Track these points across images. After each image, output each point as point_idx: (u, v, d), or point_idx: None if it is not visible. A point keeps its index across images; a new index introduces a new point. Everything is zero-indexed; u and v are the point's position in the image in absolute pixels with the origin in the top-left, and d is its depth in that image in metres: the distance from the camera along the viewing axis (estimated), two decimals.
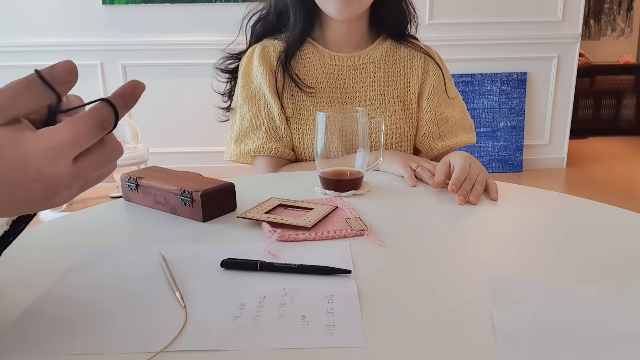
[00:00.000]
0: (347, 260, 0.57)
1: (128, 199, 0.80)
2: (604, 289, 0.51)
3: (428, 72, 1.13)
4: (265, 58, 1.09)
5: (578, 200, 0.79)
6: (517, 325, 0.44)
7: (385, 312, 0.47)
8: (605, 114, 5.12)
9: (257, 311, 0.47)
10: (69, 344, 0.42)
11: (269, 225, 0.66)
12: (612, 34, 5.26)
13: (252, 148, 1.06)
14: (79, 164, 0.37)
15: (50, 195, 0.36)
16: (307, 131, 1.08)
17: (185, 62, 3.54)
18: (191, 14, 3.49)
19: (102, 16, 3.47)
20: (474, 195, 0.77)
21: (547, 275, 0.54)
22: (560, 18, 3.60)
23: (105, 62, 3.51)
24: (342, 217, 0.71)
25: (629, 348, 0.41)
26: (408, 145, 1.12)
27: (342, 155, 0.81)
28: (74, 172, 0.36)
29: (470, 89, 3.67)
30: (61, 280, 0.54)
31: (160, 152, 3.62)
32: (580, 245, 0.62)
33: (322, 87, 1.10)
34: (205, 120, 3.56)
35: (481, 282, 0.52)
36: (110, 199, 3.17)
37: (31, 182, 0.35)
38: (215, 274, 0.55)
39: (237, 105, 1.11)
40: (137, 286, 0.52)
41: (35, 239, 0.66)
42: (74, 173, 0.36)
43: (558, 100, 3.76)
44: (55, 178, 0.35)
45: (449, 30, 3.58)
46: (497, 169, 3.77)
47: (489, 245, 0.63)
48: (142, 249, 0.62)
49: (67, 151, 0.35)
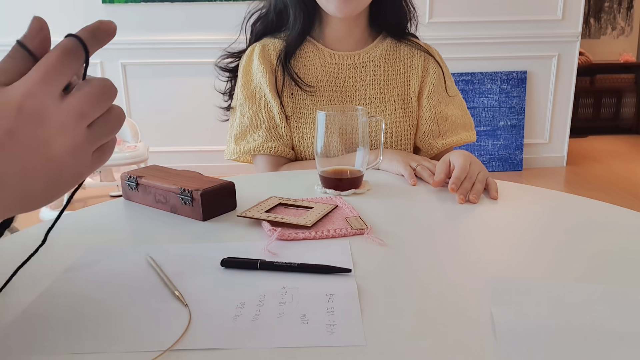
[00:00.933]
0: (347, 259, 0.57)
1: (128, 198, 0.80)
2: (604, 287, 0.51)
3: (428, 71, 1.13)
4: (265, 57, 1.09)
5: (578, 199, 0.79)
6: (517, 324, 0.44)
7: (386, 311, 0.47)
8: (605, 113, 5.12)
9: (257, 310, 0.47)
10: (70, 343, 0.42)
11: (269, 224, 0.66)
12: (612, 33, 5.26)
13: (252, 147, 1.06)
14: (68, 97, 0.36)
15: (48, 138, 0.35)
16: (307, 130, 1.08)
17: (185, 61, 3.54)
18: (191, 12, 3.49)
19: (102, 15, 3.46)
20: (474, 194, 0.77)
21: (547, 274, 0.54)
22: (561, 17, 3.60)
23: (105, 61, 3.51)
24: (342, 216, 0.71)
25: (629, 347, 0.41)
26: (408, 144, 1.12)
27: (342, 154, 0.81)
28: (66, 106, 0.35)
29: (470, 87, 3.67)
30: (61, 279, 0.54)
31: (160, 151, 3.63)
32: (580, 244, 0.62)
33: (322, 86, 1.09)
34: (205, 119, 3.57)
35: (481, 280, 0.52)
36: (110, 198, 3.17)
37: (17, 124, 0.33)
38: (215, 273, 0.55)
39: (237, 104, 1.11)
40: (137, 285, 0.52)
41: (35, 237, 0.66)
42: (67, 107, 0.35)
43: (558, 99, 3.76)
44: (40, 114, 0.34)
45: (449, 29, 3.58)
46: (497, 167, 3.77)
47: (489, 244, 0.63)
48: (142, 248, 0.62)
49: (40, 82, 0.34)
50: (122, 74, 3.55)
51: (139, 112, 3.62)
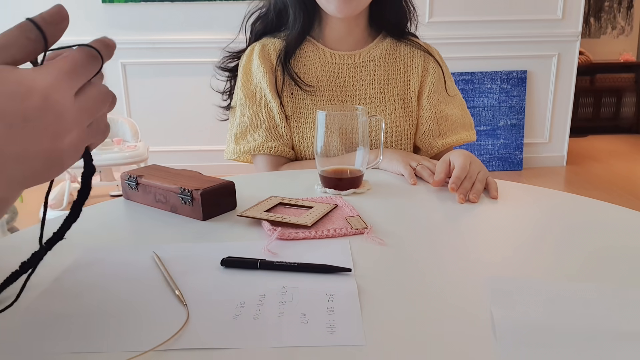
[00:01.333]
0: (347, 258, 0.57)
1: (128, 197, 0.80)
2: (603, 286, 0.51)
3: (428, 70, 1.13)
4: (265, 56, 1.09)
5: (578, 198, 0.79)
6: (517, 323, 0.44)
7: (386, 310, 0.47)
8: (605, 112, 5.12)
9: (257, 309, 0.47)
10: (70, 342, 0.42)
11: (269, 223, 0.66)
12: (612, 32, 5.26)
13: (252, 147, 1.06)
14: (81, 96, 0.37)
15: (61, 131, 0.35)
16: (307, 129, 1.08)
17: (185, 60, 3.54)
18: (190, 12, 3.48)
19: (102, 14, 3.47)
20: (474, 194, 0.77)
21: (547, 273, 0.54)
22: (561, 16, 3.60)
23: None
24: (342, 215, 0.71)
25: (629, 346, 0.41)
26: (408, 143, 1.12)
27: (342, 153, 0.81)
28: (78, 105, 0.36)
29: (470, 87, 3.67)
30: (61, 279, 0.54)
31: (160, 151, 3.63)
32: (580, 243, 0.62)
33: (321, 86, 1.09)
34: (205, 118, 3.57)
35: (481, 280, 0.52)
36: (110, 198, 3.17)
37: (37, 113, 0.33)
38: (216, 273, 0.55)
39: (237, 103, 1.11)
40: (137, 284, 0.52)
41: (35, 237, 0.66)
42: (79, 106, 0.36)
43: (558, 98, 3.76)
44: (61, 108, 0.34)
45: (449, 28, 3.57)
46: (497, 167, 3.77)
47: (489, 244, 0.63)
48: (142, 247, 0.62)
49: (66, 77, 0.35)
50: (122, 74, 3.55)
51: (139, 112, 3.62)
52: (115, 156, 2.68)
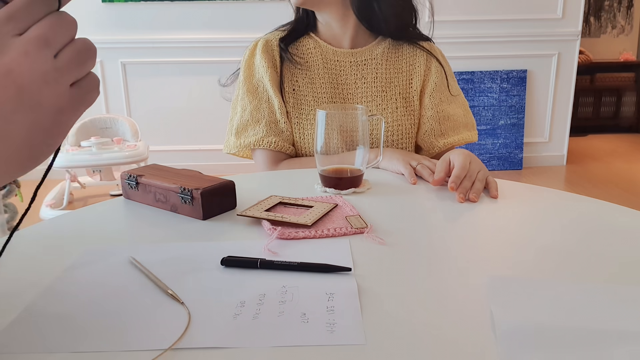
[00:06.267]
0: (347, 257, 0.57)
1: (128, 197, 0.80)
2: (603, 286, 0.51)
3: (430, 69, 1.12)
4: (268, 51, 1.09)
5: (578, 197, 0.79)
6: (516, 323, 0.44)
7: (386, 310, 0.47)
8: (605, 112, 5.12)
9: (257, 309, 0.47)
10: (70, 342, 0.42)
11: (269, 223, 0.66)
12: (612, 32, 5.26)
13: (252, 141, 1.07)
14: (58, 57, 0.36)
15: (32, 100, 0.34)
16: (308, 125, 1.08)
17: (185, 59, 3.54)
18: (190, 11, 3.48)
19: (102, 14, 3.46)
20: (473, 193, 0.77)
21: (547, 272, 0.54)
22: (561, 15, 3.60)
23: (105, 60, 3.51)
24: (342, 214, 0.71)
25: (629, 346, 0.41)
26: (410, 143, 1.12)
27: (342, 152, 0.81)
28: (54, 64, 0.35)
29: (470, 86, 3.67)
30: (61, 279, 0.54)
31: (160, 150, 3.62)
32: (580, 242, 0.62)
33: (323, 83, 1.10)
34: (205, 118, 3.57)
35: (481, 279, 0.52)
36: (110, 197, 3.17)
37: None
38: (216, 272, 0.55)
39: (238, 98, 1.11)
40: (137, 284, 0.52)
41: (36, 236, 0.66)
42: (55, 66, 0.35)
43: (558, 97, 3.76)
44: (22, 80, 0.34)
45: (449, 27, 3.57)
46: (497, 166, 3.77)
47: (489, 243, 0.63)
48: (142, 247, 0.62)
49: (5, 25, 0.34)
50: (122, 73, 3.55)
51: (139, 111, 3.61)
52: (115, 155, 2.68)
